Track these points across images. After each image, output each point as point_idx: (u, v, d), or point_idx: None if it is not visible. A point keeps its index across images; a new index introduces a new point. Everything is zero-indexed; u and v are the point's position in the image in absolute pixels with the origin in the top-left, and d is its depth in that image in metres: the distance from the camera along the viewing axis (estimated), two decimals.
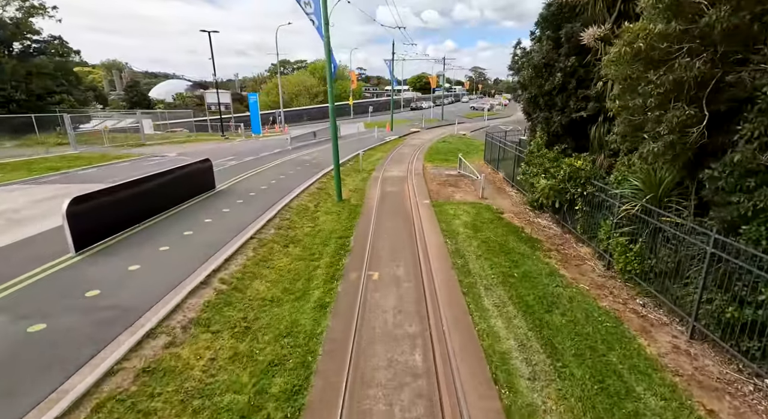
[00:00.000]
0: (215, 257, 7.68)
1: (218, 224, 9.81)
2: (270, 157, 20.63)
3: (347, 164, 19.09)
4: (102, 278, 6.81)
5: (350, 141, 27.92)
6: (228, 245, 8.34)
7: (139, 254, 7.89)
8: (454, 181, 15.77)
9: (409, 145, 26.67)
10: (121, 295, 6.28)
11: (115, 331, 5.35)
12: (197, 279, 6.71)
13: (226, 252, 7.87)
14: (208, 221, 10.00)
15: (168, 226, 9.57)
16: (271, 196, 12.70)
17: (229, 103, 35.07)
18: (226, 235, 9.00)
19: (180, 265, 7.42)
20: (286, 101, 73.99)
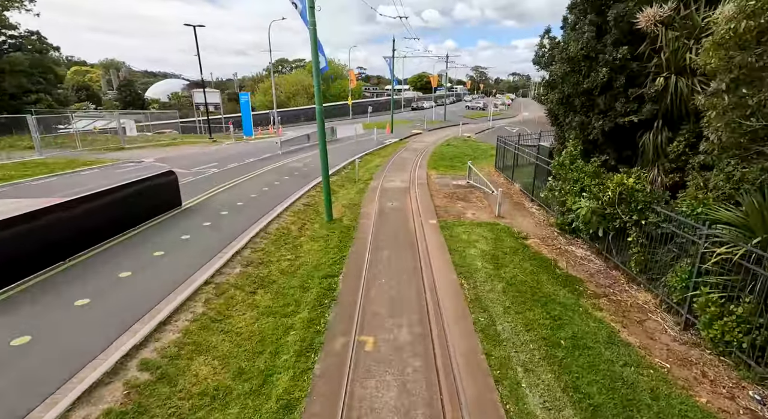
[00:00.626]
0: (143, 322, 5.49)
1: (167, 262, 7.66)
2: (256, 163, 18.55)
3: (342, 172, 17.03)
4: None
5: (347, 144, 25.85)
6: (167, 300, 6.17)
7: (30, 319, 5.60)
8: (463, 194, 13.70)
9: (410, 149, 24.60)
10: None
11: None
12: (99, 370, 4.50)
13: (163, 312, 5.71)
14: (158, 255, 7.90)
15: (100, 264, 7.44)
16: (247, 215, 10.63)
17: (219, 103, 33.02)
18: (173, 278, 6.90)
19: (81, 342, 5.11)
20: (283, 101, 72.09)
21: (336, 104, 62.68)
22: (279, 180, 15.04)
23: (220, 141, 28.66)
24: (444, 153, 22.26)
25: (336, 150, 22.83)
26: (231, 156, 20.72)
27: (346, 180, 15.49)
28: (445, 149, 24.14)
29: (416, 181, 15.34)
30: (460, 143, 27.19)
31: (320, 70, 10.50)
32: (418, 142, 28.13)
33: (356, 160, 17.90)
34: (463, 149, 24.13)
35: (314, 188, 14.01)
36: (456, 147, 24.87)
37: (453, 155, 21.73)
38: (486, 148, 24.57)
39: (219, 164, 18.09)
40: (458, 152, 22.83)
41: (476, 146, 25.42)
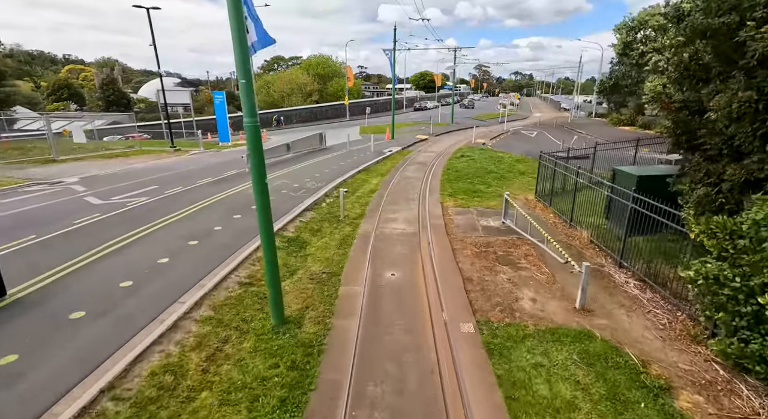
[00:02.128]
0: None
1: None
2: (207, 188, 13.69)
3: (323, 203, 12.15)
4: None
5: (336, 157, 20.95)
6: None
7: None
8: (503, 247, 8.79)
9: (416, 162, 19.70)
10: None
11: None
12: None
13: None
14: None
15: None
16: (101, 332, 5.73)
17: (189, 104, 28.10)
18: None
19: None
20: (277, 101, 67.33)
21: (331, 105, 57.81)
22: (223, 222, 10.13)
23: (186, 150, 23.78)
24: (459, 170, 17.35)
25: (321, 166, 17.96)
26: (182, 175, 15.87)
27: (327, 219, 10.61)
28: (460, 162, 19.22)
29: (427, 220, 10.46)
30: (476, 153, 22.28)
31: (252, 45, 5.62)
32: (425, 152, 23.23)
33: (343, 183, 13.06)
34: (481, 162, 19.22)
35: (278, 235, 9.15)
36: (472, 159, 19.96)
37: (472, 172, 16.82)
38: (510, 161, 19.67)
39: (156, 189, 13.24)
40: (477, 166, 17.93)
41: (497, 158, 20.51)
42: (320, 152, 21.91)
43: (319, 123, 50.14)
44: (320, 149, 22.98)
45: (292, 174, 15.94)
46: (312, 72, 72.59)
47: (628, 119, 39.13)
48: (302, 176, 15.65)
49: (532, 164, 18.67)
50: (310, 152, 21.69)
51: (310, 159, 19.55)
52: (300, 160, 19.28)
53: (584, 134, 34.74)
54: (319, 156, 20.56)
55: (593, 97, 60.52)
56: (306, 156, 20.47)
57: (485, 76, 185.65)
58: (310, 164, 18.41)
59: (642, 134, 33.98)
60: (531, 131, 37.17)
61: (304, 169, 17.14)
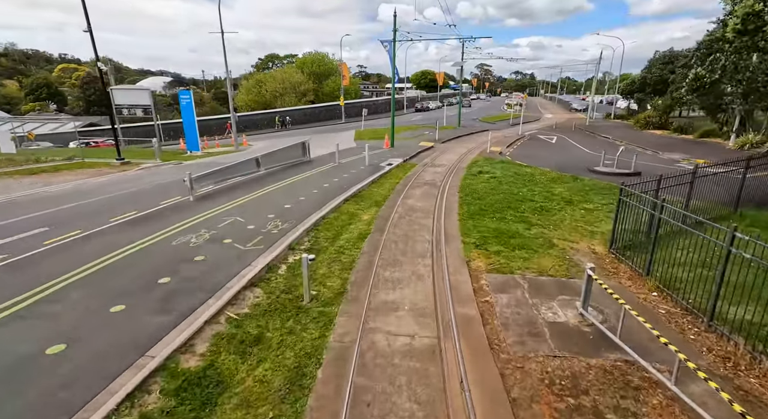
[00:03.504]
0: None
1: None
2: (118, 233, 9.31)
3: (280, 267, 7.72)
4: None
5: (319, 174, 16.57)
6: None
7: None
8: (610, 396, 4.41)
9: (422, 182, 15.33)
10: None
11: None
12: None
13: None
14: None
15: None
16: None
17: (150, 106, 23.73)
18: None
19: None
20: (269, 101, 62.98)
21: (325, 106, 53.41)
22: (88, 326, 5.75)
23: (138, 163, 19.40)
24: (481, 195, 12.94)
25: (296, 189, 13.57)
26: (100, 206, 11.47)
27: (280, 307, 6.23)
28: (480, 182, 14.83)
29: (451, 306, 6.09)
30: (496, 167, 17.90)
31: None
32: (432, 165, 18.85)
33: (327, 217, 8.73)
34: (507, 181, 14.84)
35: (164, 372, 4.73)
36: (494, 177, 15.58)
37: (499, 199, 12.42)
38: (544, 180, 15.29)
39: (39, 235, 8.87)
40: (504, 190, 13.54)
41: (526, 175, 16.12)
42: (301, 167, 17.52)
43: (311, 125, 45.80)
44: (302, 162, 18.59)
45: (253, 204, 11.56)
46: (307, 70, 68.18)
47: (658, 121, 34.71)
48: (266, 207, 11.29)
49: (573, 184, 14.30)
50: (290, 167, 17.32)
51: (286, 178, 15.18)
52: (272, 179, 14.90)
53: (613, 140, 30.38)
54: (298, 173, 16.20)
55: (614, 96, 56.20)
56: (282, 173, 16.10)
57: (486, 76, 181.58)
58: (283, 185, 14.04)
59: (679, 138, 29.56)
60: (549, 136, 32.82)
61: (272, 194, 12.77)
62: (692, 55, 31.17)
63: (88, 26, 16.33)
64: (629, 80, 47.30)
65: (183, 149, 25.33)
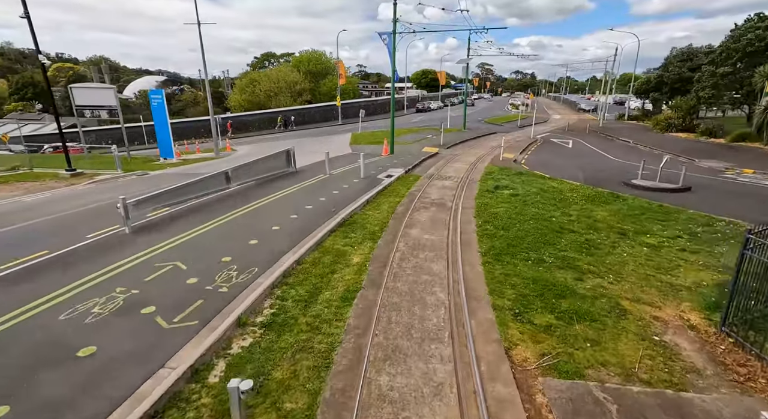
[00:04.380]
0: None
1: None
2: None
3: (194, 397, 4.95)
4: None
5: (303, 190, 13.81)
6: None
7: None
8: None
9: (427, 202, 12.57)
10: None
11: None
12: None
13: None
14: None
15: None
16: None
17: (116, 107, 20.96)
18: None
19: None
20: (263, 101, 60.23)
21: (321, 107, 50.64)
22: None
23: (91, 175, 16.60)
24: (505, 223, 10.15)
25: (271, 214, 10.77)
26: (5, 240, 8.72)
27: None
28: (499, 203, 12.05)
29: None
30: (514, 180, 15.16)
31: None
32: (439, 177, 16.10)
33: (302, 260, 6.03)
34: (533, 201, 12.08)
35: None
36: (515, 194, 12.82)
37: (529, 230, 9.66)
38: (578, 198, 12.53)
39: None
40: (531, 214, 10.77)
41: (554, 192, 13.36)
42: (284, 181, 14.76)
43: (305, 127, 43.05)
44: (286, 173, 15.82)
45: (208, 239, 8.80)
46: (303, 69, 65.41)
47: (681, 122, 31.93)
48: (225, 243, 8.53)
49: (617, 206, 11.55)
50: (270, 181, 14.57)
51: (262, 196, 12.42)
52: (243, 199, 12.14)
53: (634, 144, 27.64)
54: (278, 189, 13.44)
55: (621, 96, 53.52)
56: (258, 190, 13.34)
57: (487, 75, 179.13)
58: (255, 208, 11.28)
59: (709, 142, 26.65)
60: (563, 139, 30.08)
61: (237, 222, 10.01)
62: (721, 51, 28.40)
63: (25, 11, 13.54)
64: (643, 79, 44.57)
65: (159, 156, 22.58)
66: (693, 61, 39.60)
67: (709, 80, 28.64)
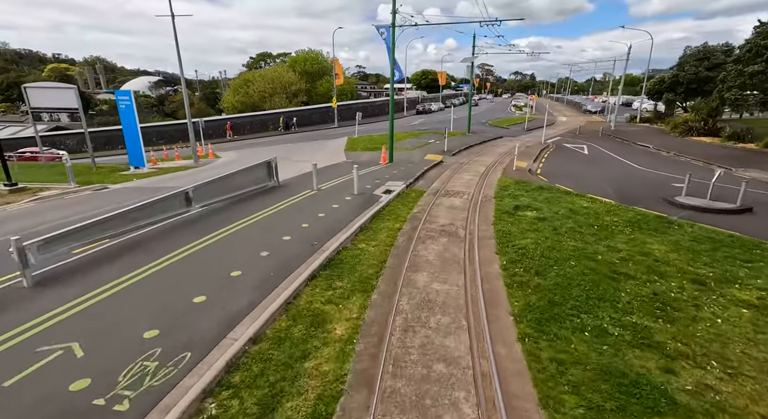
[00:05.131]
0: None
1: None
2: None
3: None
4: None
5: (282, 212, 11.43)
6: None
7: None
8: None
9: (434, 229, 10.23)
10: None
11: None
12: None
13: None
14: None
15: None
16: None
17: (78, 110, 18.58)
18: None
19: None
20: (257, 102, 57.92)
21: (316, 108, 48.30)
22: None
23: (35, 190, 14.21)
24: (534, 257, 7.83)
25: (228, 254, 8.37)
26: None
27: None
28: (523, 228, 9.70)
29: None
30: (535, 196, 12.82)
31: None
32: (444, 193, 13.75)
33: (249, 355, 3.68)
34: (565, 227, 9.74)
35: None
36: (540, 216, 10.48)
37: (569, 269, 7.34)
38: (616, 221, 10.19)
39: None
40: (566, 245, 8.44)
41: (585, 212, 11.02)
42: (261, 199, 12.41)
43: (299, 131, 40.73)
44: (266, 189, 13.47)
45: (135, 296, 6.43)
46: (299, 69, 63.07)
47: (703, 126, 29.63)
48: (156, 303, 6.18)
49: (673, 235, 9.22)
50: (244, 200, 12.22)
51: (229, 223, 10.05)
52: (205, 226, 9.78)
53: (655, 149, 25.33)
54: (253, 211, 11.08)
55: (628, 98, 51.42)
56: (226, 213, 10.98)
57: (488, 76, 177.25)
58: (216, 241, 8.91)
59: (739, 148, 24.15)
60: (577, 144, 27.79)
61: (185, 266, 7.65)
62: (749, 48, 26.11)
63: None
64: (656, 79, 42.35)
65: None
66: (710, 60, 37.42)
67: (736, 80, 26.39)
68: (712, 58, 37.19)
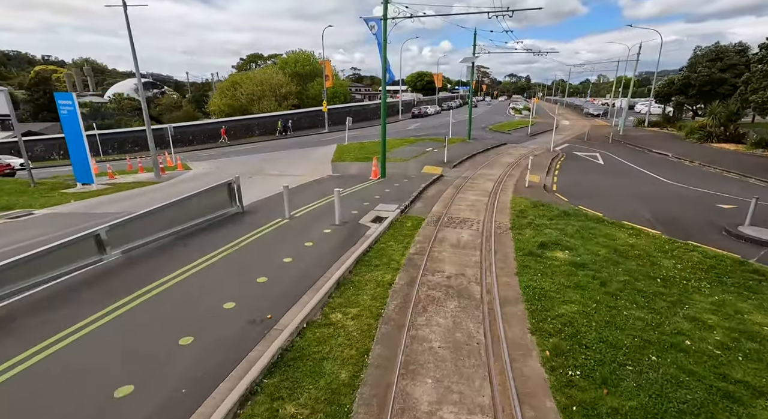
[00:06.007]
0: None
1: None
2: None
3: None
4: None
5: (227, 261, 8.74)
6: None
7: None
8: None
9: (437, 285, 7.61)
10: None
11: None
12: None
13: None
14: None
15: None
16: None
17: (8, 114, 15.80)
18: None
19: None
20: (245, 105, 55.15)
21: (305, 112, 45.66)
22: None
23: None
24: (589, 343, 5.26)
25: (143, 337, 5.59)
26: None
27: None
28: (559, 284, 7.10)
29: None
30: (560, 225, 10.23)
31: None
32: (449, 221, 11.12)
33: None
34: (614, 281, 7.17)
35: None
36: (577, 262, 7.90)
37: (646, 364, 4.77)
38: (674, 265, 7.62)
39: None
40: (625, 313, 5.87)
41: (631, 252, 8.46)
42: (214, 234, 9.71)
43: (288, 136, 38.08)
44: (225, 217, 10.76)
45: None
46: (290, 71, 60.33)
47: (723, 131, 27.29)
48: None
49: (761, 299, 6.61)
50: (190, 235, 9.52)
51: (156, 277, 7.36)
52: (117, 288, 7.09)
53: (676, 158, 22.90)
54: (191, 259, 8.37)
55: (646, 100, 49.35)
56: (158, 257, 8.28)
57: (483, 78, 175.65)
58: (127, 311, 6.22)
59: None
60: (588, 152, 25.34)
61: (64, 367, 4.96)
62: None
63: None
64: (665, 81, 40.15)
65: (109, 174, 17.32)
66: (723, 60, 35.24)
67: (762, 81, 24.08)
68: (726, 58, 35.02)
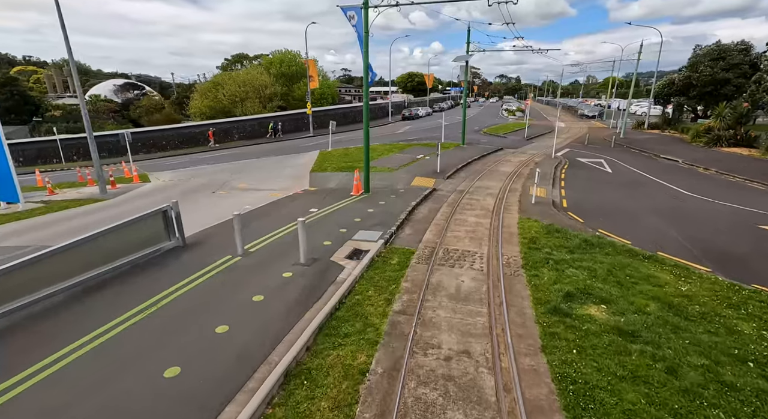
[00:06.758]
0: None
1: None
2: None
3: None
4: None
5: (135, 334, 6.40)
6: None
7: None
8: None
9: (429, 374, 5.43)
10: None
11: None
12: None
13: None
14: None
15: None
16: None
17: None
18: None
19: None
20: (228, 107, 52.51)
21: (289, 115, 43.22)
22: None
23: None
24: None
25: None
26: None
27: None
28: (605, 375, 4.97)
29: None
30: (579, 259, 8.11)
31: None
32: (445, 258, 8.94)
33: None
34: (677, 364, 5.08)
35: None
36: (616, 316, 5.78)
37: None
38: (753, 328, 5.54)
39: None
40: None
41: (683, 303, 6.40)
42: (131, 284, 7.39)
43: (270, 141, 35.63)
44: (157, 254, 8.43)
45: None
46: (275, 71, 57.79)
47: (733, 135, 25.62)
48: None
49: None
50: (102, 284, 7.20)
51: (18, 369, 5.05)
52: None
53: (687, 164, 21.06)
54: (86, 331, 6.06)
55: (643, 101, 48.09)
56: (42, 324, 5.97)
57: (474, 79, 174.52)
58: None
59: None
60: (591, 158, 23.40)
61: None
62: None
63: None
64: (665, 81, 38.63)
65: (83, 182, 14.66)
66: (726, 60, 33.77)
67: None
68: (728, 58, 33.54)
